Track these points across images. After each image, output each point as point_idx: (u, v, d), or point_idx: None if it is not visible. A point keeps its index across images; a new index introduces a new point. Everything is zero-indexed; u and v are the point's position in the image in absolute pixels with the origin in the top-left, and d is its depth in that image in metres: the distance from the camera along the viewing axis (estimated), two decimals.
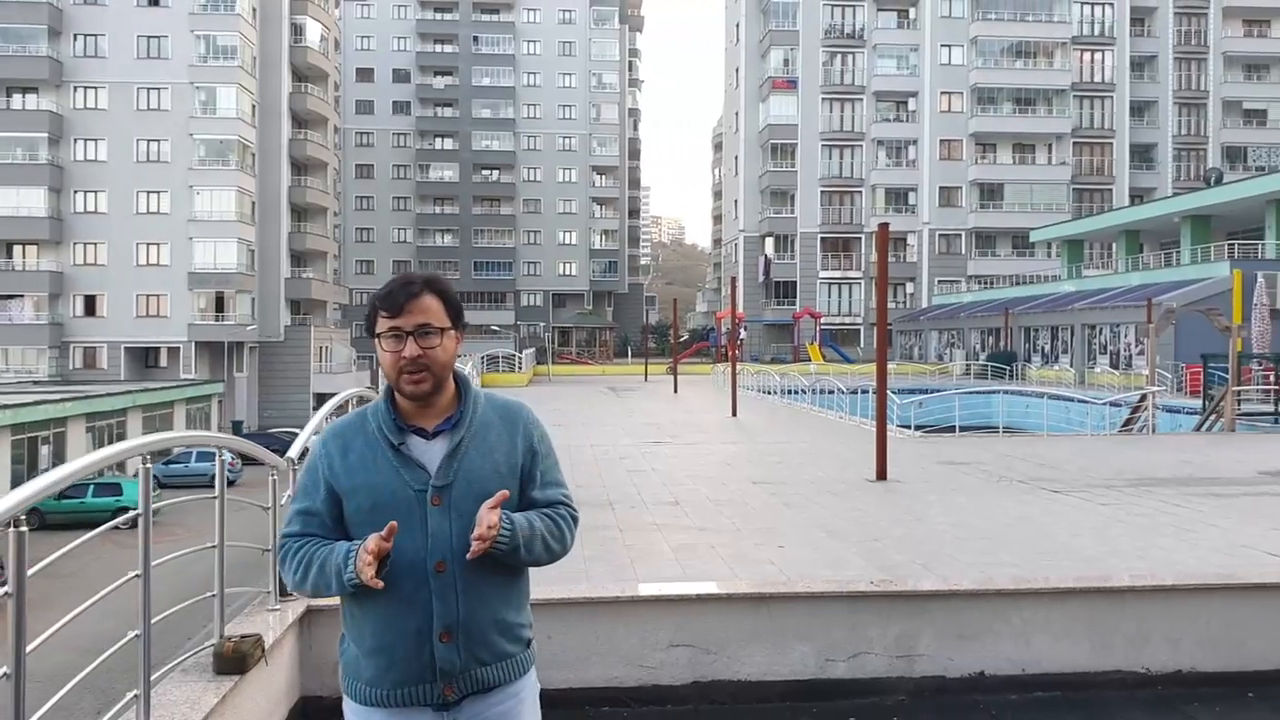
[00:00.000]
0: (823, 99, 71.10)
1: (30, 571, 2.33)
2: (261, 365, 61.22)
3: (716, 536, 8.47)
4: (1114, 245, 56.66)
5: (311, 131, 65.95)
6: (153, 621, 3.08)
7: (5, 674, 2.26)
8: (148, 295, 56.57)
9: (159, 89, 56.62)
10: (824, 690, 4.64)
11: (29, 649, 2.30)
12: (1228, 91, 72.46)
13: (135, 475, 28.93)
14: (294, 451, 4.66)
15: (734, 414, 23.58)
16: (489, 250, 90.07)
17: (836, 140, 71.39)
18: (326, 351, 66.05)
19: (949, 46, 70.27)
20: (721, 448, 16.61)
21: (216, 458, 3.79)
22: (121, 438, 44.61)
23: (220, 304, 57.44)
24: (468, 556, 2.13)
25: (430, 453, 2.25)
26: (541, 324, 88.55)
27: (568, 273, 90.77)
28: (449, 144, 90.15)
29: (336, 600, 4.82)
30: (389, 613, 2.20)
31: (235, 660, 3.60)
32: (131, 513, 3.07)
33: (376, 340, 2.27)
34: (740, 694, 4.62)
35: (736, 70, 76.17)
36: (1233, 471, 13.05)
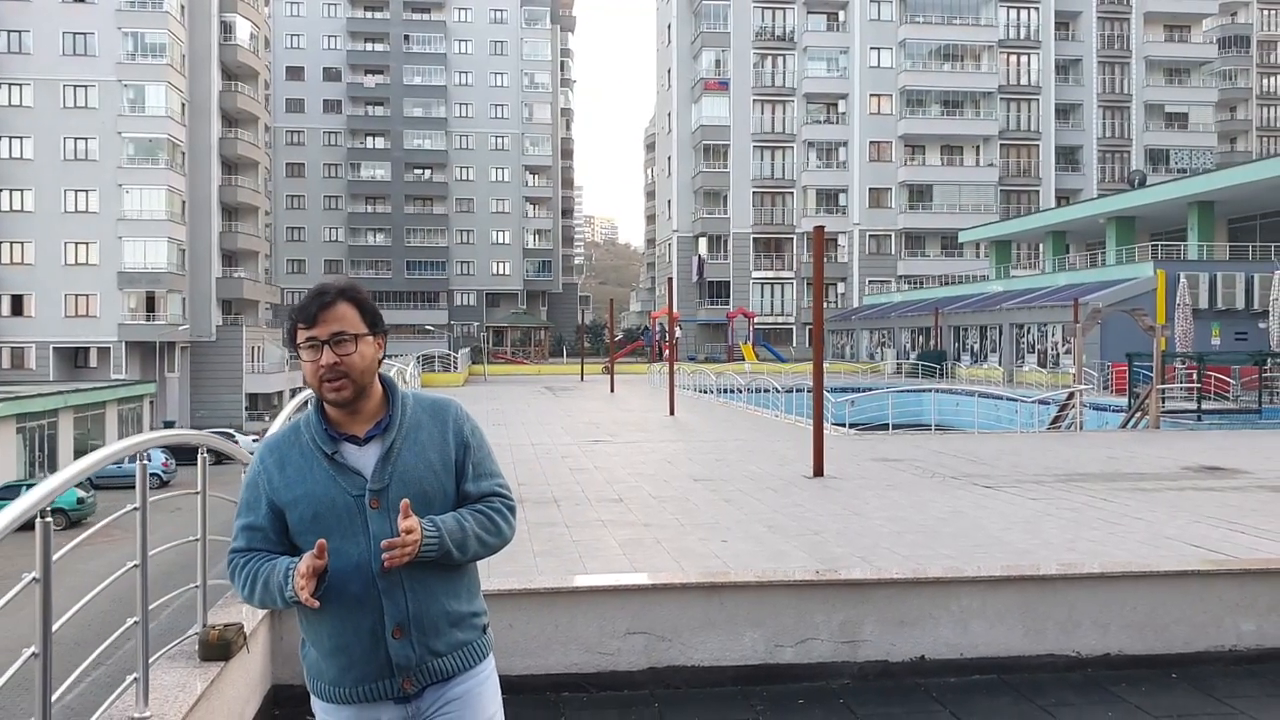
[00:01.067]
0: (754, 100, 71.81)
1: (55, 558, 2.44)
2: (193, 365, 60.11)
3: (661, 532, 8.63)
4: (1041, 246, 58.14)
5: (242, 130, 64.86)
6: (150, 608, 3.18)
7: (34, 653, 2.37)
8: (77, 295, 55.28)
9: (86, 86, 55.33)
10: (773, 675, 4.83)
11: (54, 629, 2.42)
12: (1150, 95, 74.74)
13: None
14: None
15: (672, 413, 23.80)
16: (422, 250, 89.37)
17: (768, 142, 72.15)
18: (259, 351, 65.02)
19: (878, 49, 71.46)
20: (661, 446, 16.80)
21: (199, 454, 3.87)
22: (53, 439, 43.54)
23: (151, 304, 56.27)
24: (385, 566, 2.17)
25: (364, 458, 2.29)
26: (475, 323, 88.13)
27: (501, 272, 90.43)
28: (380, 143, 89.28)
29: None
30: (342, 614, 2.25)
31: (220, 647, 3.69)
32: (129, 507, 3.16)
33: (298, 352, 2.31)
34: (694, 679, 4.78)
35: (669, 71, 76.57)
36: (1157, 467, 13.56)
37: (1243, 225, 44.11)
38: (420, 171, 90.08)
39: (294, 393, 71.54)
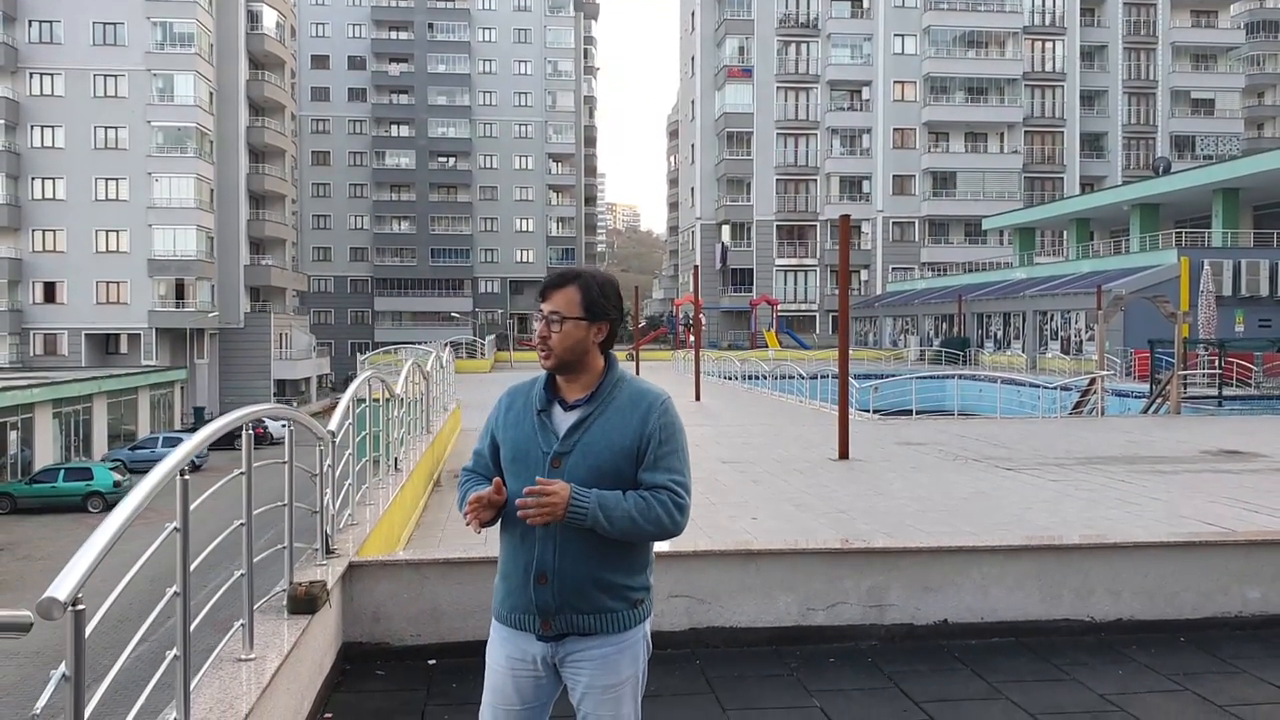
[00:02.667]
0: (778, 88, 71.77)
1: (192, 507, 2.83)
2: (222, 352, 60.92)
3: (693, 511, 9.00)
4: (1065, 233, 57.98)
5: (269, 119, 65.51)
6: (255, 561, 3.58)
7: (176, 592, 2.76)
8: (108, 282, 56.08)
9: (116, 76, 56.02)
10: (806, 636, 5.19)
11: (192, 567, 2.82)
12: (1176, 81, 74.17)
13: (103, 460, 28.95)
14: (333, 425, 5.13)
15: (698, 398, 24.16)
16: (446, 237, 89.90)
17: (792, 129, 72.15)
18: (286, 338, 65.78)
19: (902, 36, 71.24)
20: (689, 430, 17.14)
21: (287, 428, 4.25)
22: (88, 424, 44.38)
23: (180, 291, 57.04)
24: (519, 514, 2.43)
25: (564, 422, 2.57)
26: (500, 310, 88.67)
27: (525, 260, 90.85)
28: (405, 131, 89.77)
29: (377, 554, 5.31)
30: (512, 547, 2.60)
31: (307, 602, 4.08)
32: (236, 471, 3.52)
33: None
34: (731, 639, 5.15)
35: (692, 59, 76.60)
36: (1176, 451, 13.82)
37: (1268, 212, 43.90)
38: (444, 159, 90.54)
39: (321, 379, 72.40)
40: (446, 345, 32.12)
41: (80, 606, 2.09)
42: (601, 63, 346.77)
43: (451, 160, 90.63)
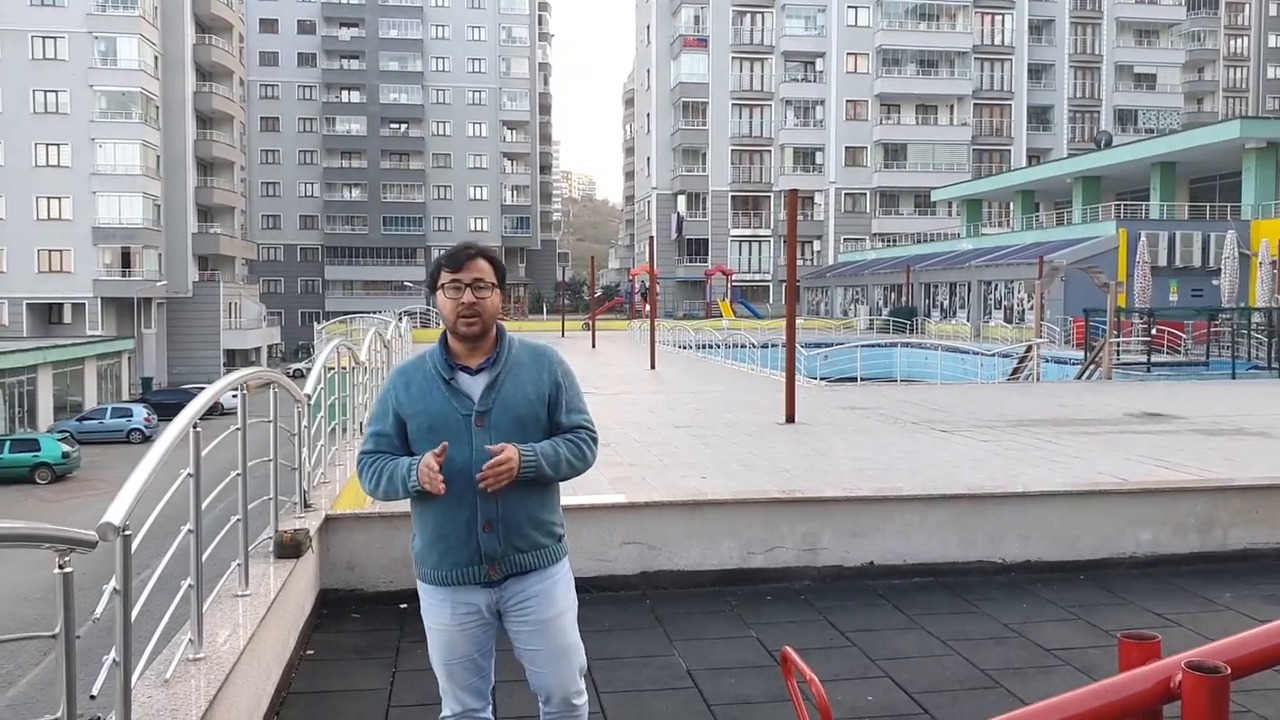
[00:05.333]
0: (733, 58, 72.04)
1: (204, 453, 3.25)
2: (170, 321, 60.28)
3: (646, 470, 9.51)
4: (1011, 205, 59.15)
5: (216, 84, 64.55)
6: (252, 506, 4.00)
7: (190, 530, 3.17)
8: (50, 250, 55.15)
9: (55, 38, 54.81)
10: (746, 577, 5.72)
11: (204, 506, 3.23)
12: (1120, 56, 75.54)
13: (49, 431, 28.88)
14: (308, 389, 5.54)
15: (653, 367, 24.65)
16: (398, 205, 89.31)
17: (746, 99, 72.52)
18: (236, 308, 65.22)
19: (855, 7, 71.76)
20: (644, 397, 17.67)
21: (271, 389, 4.63)
22: (32, 395, 43.85)
23: (126, 259, 56.27)
24: (481, 486, 2.64)
25: (474, 385, 2.78)
26: None
27: (479, 228, 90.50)
28: (356, 97, 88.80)
29: (349, 508, 5.73)
30: (445, 509, 2.74)
31: (293, 547, 4.50)
32: (233, 427, 3.90)
33: (439, 290, 2.81)
34: (679, 581, 5.67)
35: (648, 28, 76.53)
36: (1103, 413, 14.56)
37: (1203, 185, 45.20)
38: (396, 126, 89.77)
39: (271, 349, 71.89)
40: (401, 314, 32.31)
41: (128, 531, 2.51)
42: (556, 29, 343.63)
43: (404, 127, 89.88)
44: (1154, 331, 25.28)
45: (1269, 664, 2.03)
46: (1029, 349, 24.39)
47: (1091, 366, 22.95)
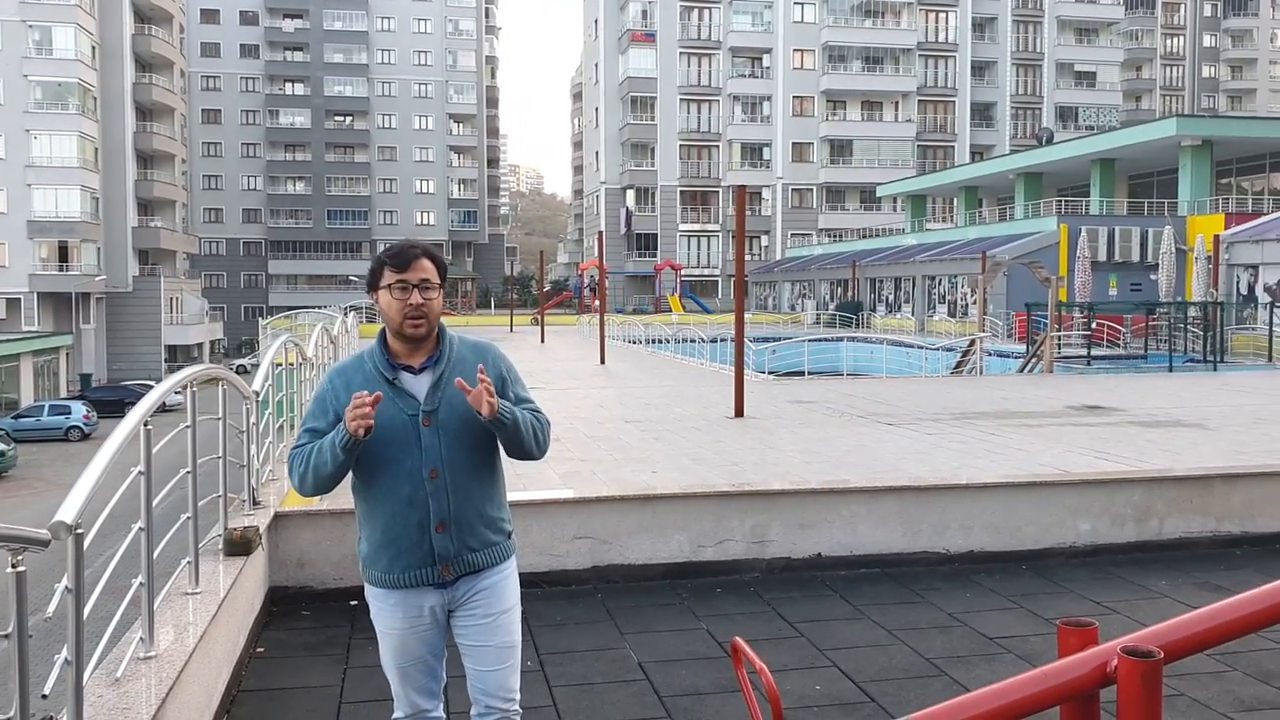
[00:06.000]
0: (681, 53, 72.17)
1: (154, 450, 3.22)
2: (110, 317, 59.08)
3: (597, 465, 9.54)
4: (955, 200, 60.00)
5: (157, 75, 63.32)
6: (201, 504, 3.97)
7: (141, 527, 3.15)
8: None
9: None
10: (696, 570, 5.79)
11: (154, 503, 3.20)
12: (1061, 54, 76.92)
13: None
14: (256, 385, 5.49)
15: (602, 362, 24.66)
16: (343, 199, 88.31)
17: (694, 95, 72.72)
18: (177, 303, 64.10)
19: (801, 4, 72.26)
20: (593, 392, 17.68)
21: (220, 386, 4.59)
22: None
23: (64, 254, 55.05)
24: (481, 413, 2.61)
25: (418, 385, 2.71)
26: None
27: (426, 222, 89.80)
28: (300, 89, 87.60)
29: (298, 505, 5.69)
30: (395, 512, 2.69)
31: (242, 544, 4.48)
32: (183, 425, 3.87)
33: (383, 291, 2.71)
34: (630, 574, 5.72)
35: (595, 22, 76.38)
36: (1045, 406, 14.86)
37: (1142, 182, 46.23)
38: (341, 119, 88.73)
39: (214, 344, 70.68)
40: (347, 309, 31.99)
41: (80, 530, 2.50)
42: (503, 22, 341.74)
43: (348, 119, 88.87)
44: (1094, 325, 25.86)
45: (1200, 648, 2.13)
46: (972, 343, 24.81)
47: (1033, 360, 23.39)
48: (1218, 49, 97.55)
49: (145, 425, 3.14)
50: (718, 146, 73.21)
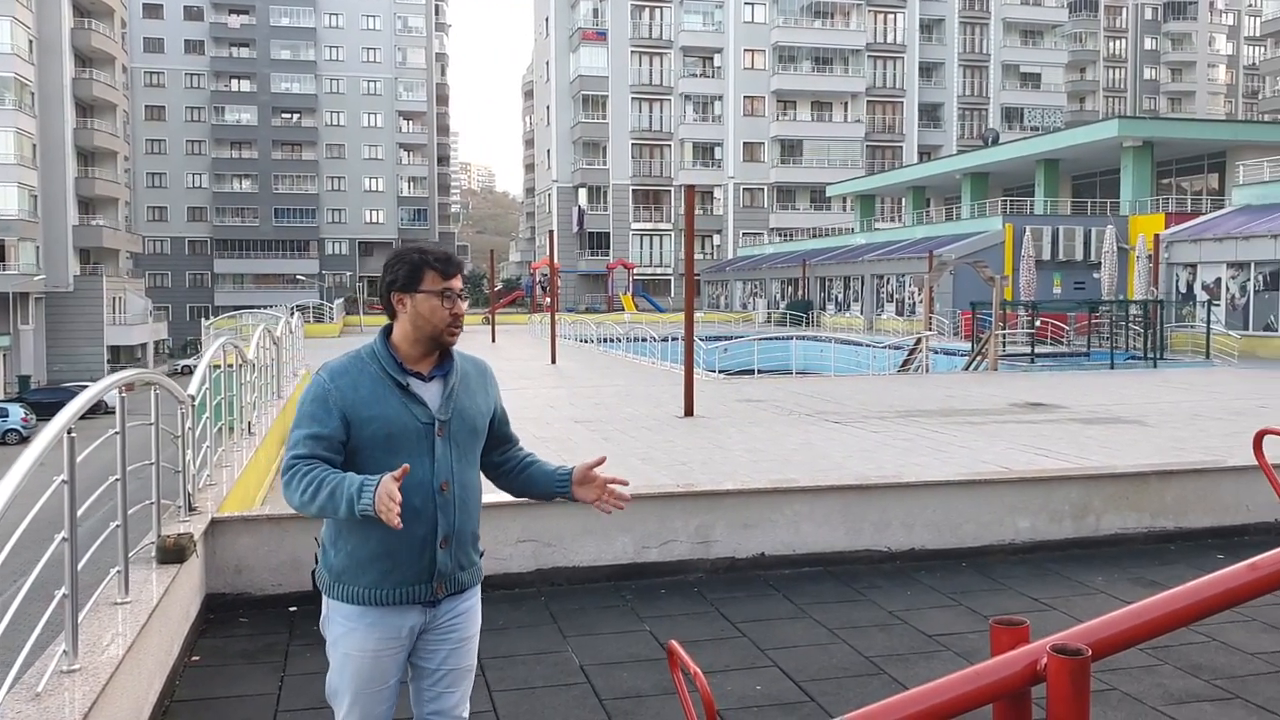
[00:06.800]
0: (632, 52, 72.19)
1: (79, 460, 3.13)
2: (50, 317, 57.73)
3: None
4: (903, 200, 60.62)
5: (98, 70, 61.98)
6: (130, 513, 3.88)
7: (64, 538, 3.07)
8: None
9: None
10: (641, 571, 5.78)
11: (79, 515, 3.12)
12: (1007, 55, 78.10)
13: None
14: (193, 389, 5.39)
15: (553, 361, 24.61)
16: (291, 197, 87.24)
17: (646, 94, 72.78)
18: (120, 302, 62.82)
19: (752, 4, 72.63)
20: (543, 392, 17.63)
21: (153, 391, 4.50)
22: None
23: (1, 253, 53.68)
24: (610, 507, 2.81)
25: (429, 392, 2.60)
26: (349, 273, 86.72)
27: (375, 220, 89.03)
28: (246, 86, 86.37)
29: (236, 511, 5.59)
30: (402, 522, 2.47)
31: (176, 551, 4.39)
32: (111, 431, 3.78)
33: (424, 295, 2.58)
34: (574, 577, 5.70)
35: (546, 20, 76.16)
36: (988, 404, 15.09)
37: (1085, 182, 47.06)
38: (289, 116, 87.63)
39: (158, 345, 69.37)
40: (293, 309, 31.56)
41: None
42: (453, 19, 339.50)
43: (296, 117, 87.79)
44: (1038, 324, 26.26)
45: (1128, 644, 2.17)
46: (919, 341, 25.10)
47: (978, 358, 23.72)
48: (1158, 52, 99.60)
49: (69, 433, 3.07)
50: (670, 145, 73.35)
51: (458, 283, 2.65)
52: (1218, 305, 28.34)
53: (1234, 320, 27.85)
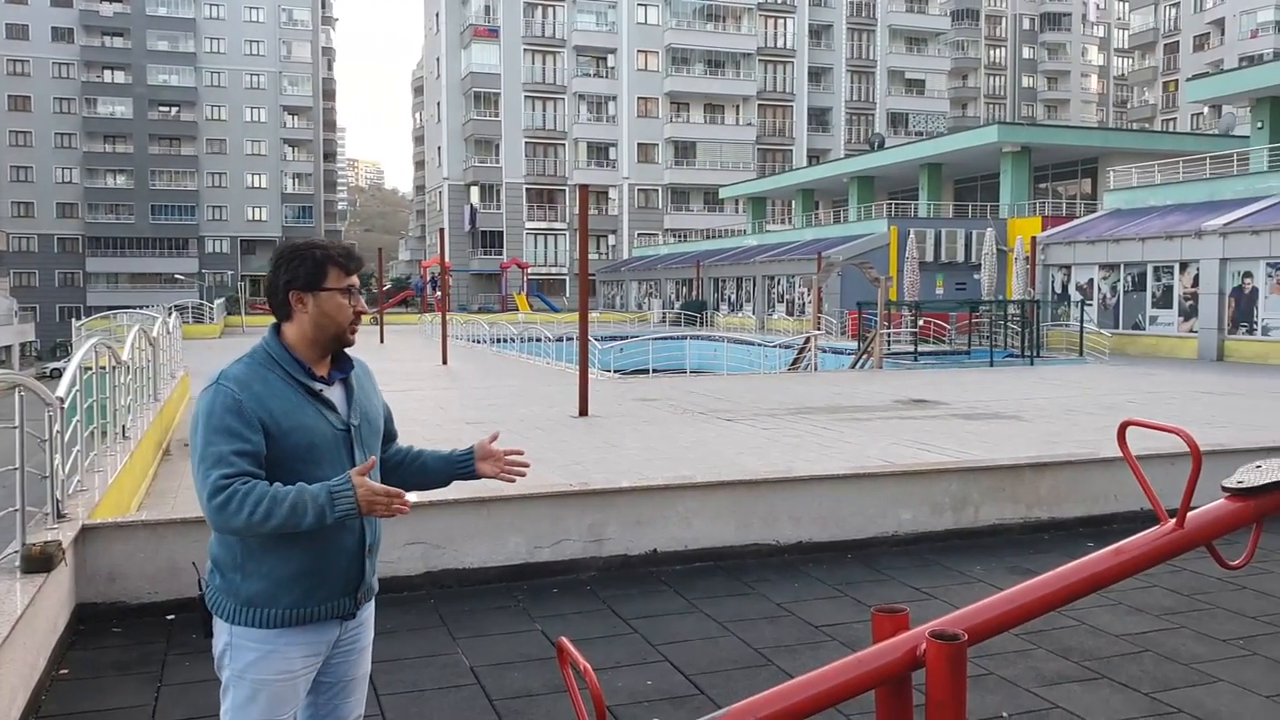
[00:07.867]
0: (525, 50, 71.76)
1: None
2: None
3: None
4: (793, 202, 61.71)
5: None
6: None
7: None
8: None
9: None
10: (533, 571, 5.76)
11: None
12: (892, 61, 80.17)
13: None
14: (61, 391, 5.14)
15: (444, 362, 24.29)
16: (169, 193, 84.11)
17: (539, 92, 72.45)
18: None
19: (645, 5, 72.98)
20: (434, 393, 17.39)
21: (16, 394, 4.28)
22: None
23: None
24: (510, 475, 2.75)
25: (334, 396, 2.48)
26: (230, 272, 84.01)
27: (258, 218, 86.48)
28: (120, 77, 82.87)
29: (109, 517, 5.38)
30: (326, 536, 2.37)
31: (43, 560, 4.18)
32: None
33: (329, 293, 2.45)
34: (465, 579, 5.63)
35: (436, 15, 75.15)
36: (873, 400, 15.47)
37: (966, 185, 48.65)
38: (166, 109, 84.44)
39: (25, 347, 66.11)
40: (171, 309, 30.44)
41: None
42: (340, 13, 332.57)
43: (174, 110, 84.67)
44: (921, 323, 27.05)
45: (1003, 628, 2.24)
46: (808, 340, 25.59)
47: (864, 356, 24.30)
48: (1036, 61, 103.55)
49: None
50: (564, 145, 73.17)
51: (357, 279, 2.55)
52: (1090, 305, 29.60)
53: (1105, 319, 29.12)
